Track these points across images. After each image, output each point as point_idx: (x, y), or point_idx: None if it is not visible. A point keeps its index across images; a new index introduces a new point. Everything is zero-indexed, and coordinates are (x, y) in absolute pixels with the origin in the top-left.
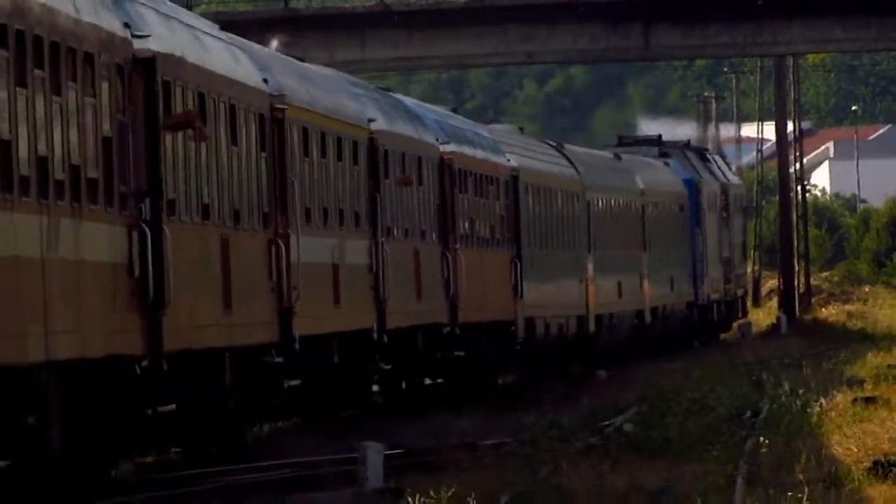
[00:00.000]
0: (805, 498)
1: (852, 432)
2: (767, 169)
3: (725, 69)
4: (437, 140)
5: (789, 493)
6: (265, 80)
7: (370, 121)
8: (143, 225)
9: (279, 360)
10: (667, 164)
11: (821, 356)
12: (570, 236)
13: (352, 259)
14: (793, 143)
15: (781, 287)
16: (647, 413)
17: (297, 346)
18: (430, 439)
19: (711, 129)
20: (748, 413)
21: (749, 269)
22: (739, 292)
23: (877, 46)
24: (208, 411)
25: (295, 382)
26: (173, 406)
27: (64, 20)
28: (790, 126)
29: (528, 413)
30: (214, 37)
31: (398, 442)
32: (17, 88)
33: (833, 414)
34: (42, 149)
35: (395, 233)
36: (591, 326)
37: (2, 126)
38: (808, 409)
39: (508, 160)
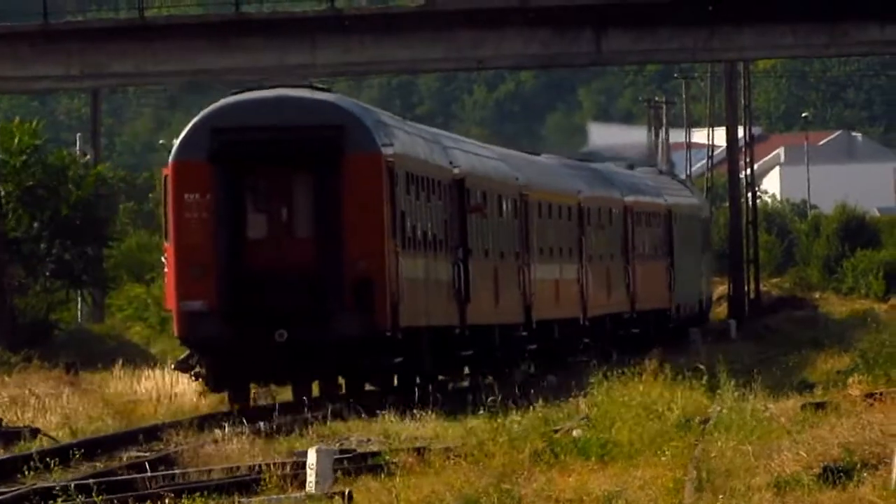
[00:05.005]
0: None
1: (802, 438)
2: (717, 175)
3: (676, 74)
4: (622, 194)
5: (739, 500)
6: (516, 178)
7: (578, 192)
8: (459, 262)
9: (524, 333)
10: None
11: (770, 361)
12: (698, 245)
13: (566, 276)
14: (743, 148)
15: (731, 293)
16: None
17: (534, 325)
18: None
19: (662, 135)
20: (698, 419)
21: None
22: None
23: (827, 53)
24: (485, 357)
25: (532, 346)
26: (471, 352)
27: (433, 167)
28: (741, 132)
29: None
30: (487, 157)
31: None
32: (415, 201)
33: (783, 419)
34: (425, 227)
35: (593, 258)
36: (705, 306)
37: (415, 222)
38: (758, 415)
39: (665, 200)
